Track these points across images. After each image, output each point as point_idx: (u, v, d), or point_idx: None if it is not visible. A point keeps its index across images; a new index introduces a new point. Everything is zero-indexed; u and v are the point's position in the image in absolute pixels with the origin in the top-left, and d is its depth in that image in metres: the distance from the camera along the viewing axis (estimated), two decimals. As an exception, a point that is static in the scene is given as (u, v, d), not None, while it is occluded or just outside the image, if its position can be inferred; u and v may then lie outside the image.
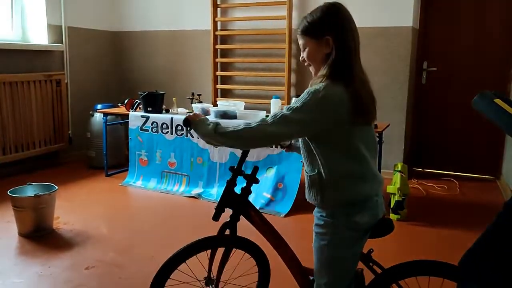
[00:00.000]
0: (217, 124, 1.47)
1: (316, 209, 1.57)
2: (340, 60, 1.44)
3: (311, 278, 1.67)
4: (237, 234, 1.82)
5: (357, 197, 1.48)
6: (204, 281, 1.90)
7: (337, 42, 1.45)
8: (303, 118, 1.39)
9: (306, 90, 1.42)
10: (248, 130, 1.41)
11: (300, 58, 1.57)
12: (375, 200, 1.52)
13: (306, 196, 1.56)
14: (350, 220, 1.48)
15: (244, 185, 1.76)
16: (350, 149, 1.46)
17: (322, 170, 1.47)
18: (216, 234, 1.79)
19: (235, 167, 1.76)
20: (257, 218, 1.76)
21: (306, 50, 1.52)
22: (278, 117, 1.40)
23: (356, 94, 1.42)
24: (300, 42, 1.53)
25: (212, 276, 1.89)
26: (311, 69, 1.55)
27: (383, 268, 1.58)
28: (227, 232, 1.79)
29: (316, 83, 1.44)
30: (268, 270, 1.92)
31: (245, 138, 1.44)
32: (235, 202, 1.76)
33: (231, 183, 1.75)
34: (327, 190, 1.47)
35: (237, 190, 1.79)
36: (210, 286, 1.90)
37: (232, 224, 1.77)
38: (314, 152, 1.48)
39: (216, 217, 1.73)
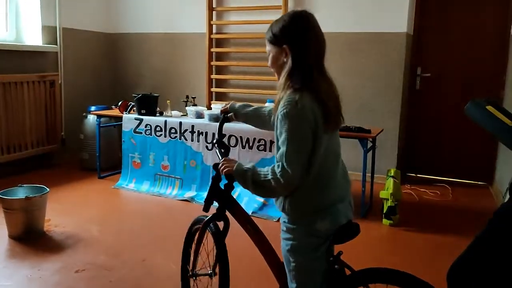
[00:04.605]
0: (253, 173, 1.53)
1: (282, 215, 1.62)
2: (296, 70, 1.49)
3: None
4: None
5: (320, 205, 1.52)
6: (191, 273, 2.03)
7: (294, 51, 1.49)
8: (300, 143, 1.43)
9: (281, 113, 1.45)
10: (279, 185, 1.45)
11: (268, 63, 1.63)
12: (337, 208, 1.55)
13: (274, 202, 1.62)
14: (311, 227, 1.52)
15: (226, 182, 1.83)
16: (321, 157, 1.49)
17: None
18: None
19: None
20: (238, 212, 1.84)
21: (270, 56, 1.59)
22: (285, 160, 1.43)
23: (322, 103, 1.46)
24: (266, 48, 1.61)
25: (195, 270, 2.02)
26: (275, 74, 1.61)
27: (353, 270, 1.59)
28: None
29: (283, 99, 1.48)
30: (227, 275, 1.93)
31: (278, 193, 1.53)
32: (220, 196, 1.86)
33: (216, 179, 1.85)
34: (292, 198, 1.52)
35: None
36: (194, 278, 2.04)
37: (220, 216, 1.86)
38: None
39: (206, 209, 1.86)
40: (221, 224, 1.88)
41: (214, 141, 1.92)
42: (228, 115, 1.96)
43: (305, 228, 1.52)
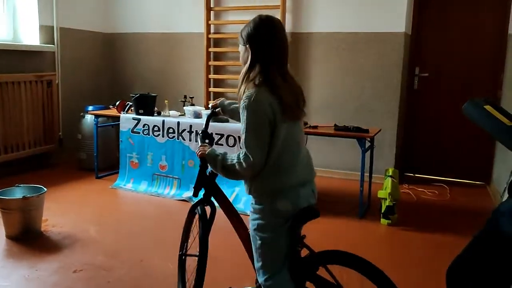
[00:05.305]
0: (223, 158, 1.73)
1: (250, 198, 1.79)
2: (254, 66, 1.69)
3: None
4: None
5: (281, 187, 1.69)
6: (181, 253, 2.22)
7: (253, 50, 1.70)
8: (257, 132, 1.62)
9: (241, 106, 1.65)
10: (242, 168, 1.64)
11: None
12: (298, 191, 1.71)
13: (244, 186, 1.79)
14: (273, 207, 1.70)
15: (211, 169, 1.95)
16: (281, 145, 1.66)
17: None
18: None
19: None
20: (221, 198, 2.04)
21: (240, 54, 1.80)
22: (245, 147, 1.63)
23: (279, 98, 1.65)
24: (239, 48, 1.81)
25: (185, 251, 2.21)
26: None
27: (313, 251, 1.73)
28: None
29: (245, 93, 1.66)
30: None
31: (242, 175, 1.71)
32: (206, 183, 2.04)
33: (203, 167, 2.00)
34: (256, 181, 1.70)
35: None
36: (183, 258, 2.22)
37: (206, 201, 2.05)
38: None
39: (195, 194, 2.06)
40: (209, 210, 2.03)
41: (200, 132, 2.06)
42: (216, 109, 2.14)
43: (268, 207, 1.70)
